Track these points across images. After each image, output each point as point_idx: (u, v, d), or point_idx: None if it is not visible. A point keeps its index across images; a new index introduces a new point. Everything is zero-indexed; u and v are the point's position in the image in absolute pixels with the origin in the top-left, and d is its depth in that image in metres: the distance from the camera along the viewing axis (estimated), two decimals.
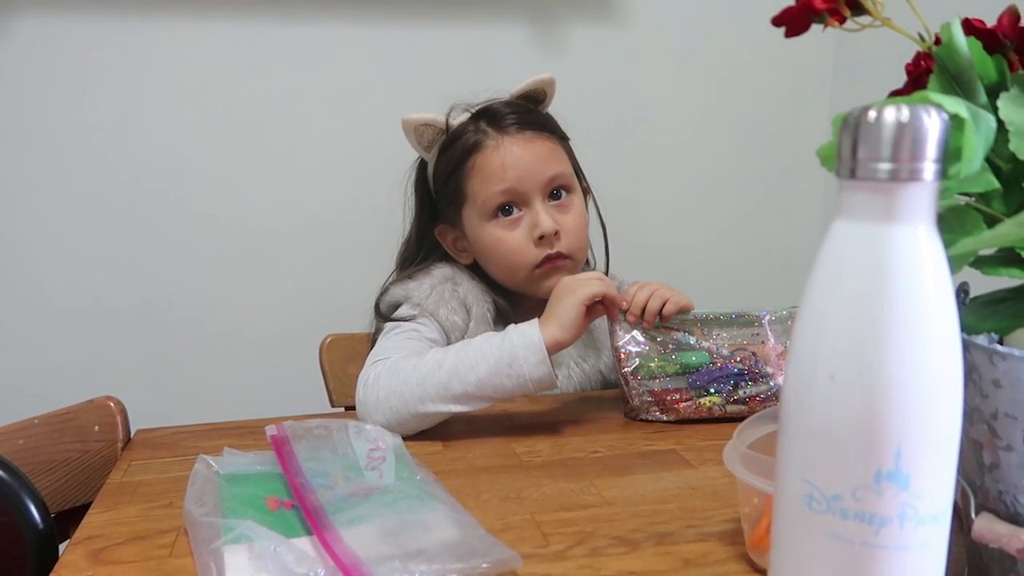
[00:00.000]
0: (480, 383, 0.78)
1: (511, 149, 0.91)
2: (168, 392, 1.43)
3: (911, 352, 0.33)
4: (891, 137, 0.32)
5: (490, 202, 0.92)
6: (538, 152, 0.92)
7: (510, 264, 0.94)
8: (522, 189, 0.92)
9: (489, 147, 0.92)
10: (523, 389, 0.79)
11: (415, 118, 0.94)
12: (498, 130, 0.93)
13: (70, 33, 1.32)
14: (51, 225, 1.37)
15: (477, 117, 0.94)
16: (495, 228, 0.93)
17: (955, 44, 0.44)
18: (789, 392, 0.36)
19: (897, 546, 0.34)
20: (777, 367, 0.85)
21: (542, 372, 0.78)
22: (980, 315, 0.46)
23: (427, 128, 0.95)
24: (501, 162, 0.91)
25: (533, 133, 0.93)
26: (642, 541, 0.58)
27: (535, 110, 0.97)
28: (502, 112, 0.94)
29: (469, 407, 0.79)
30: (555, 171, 0.93)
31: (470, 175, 0.93)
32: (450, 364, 0.79)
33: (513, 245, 0.92)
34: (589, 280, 0.84)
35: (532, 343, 0.78)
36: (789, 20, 0.47)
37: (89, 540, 0.59)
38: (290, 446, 0.68)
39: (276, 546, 0.52)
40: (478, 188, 0.93)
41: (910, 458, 0.33)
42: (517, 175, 0.91)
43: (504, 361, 0.78)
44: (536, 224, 0.91)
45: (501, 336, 0.80)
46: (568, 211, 0.94)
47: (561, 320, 0.80)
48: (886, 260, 0.33)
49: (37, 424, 0.83)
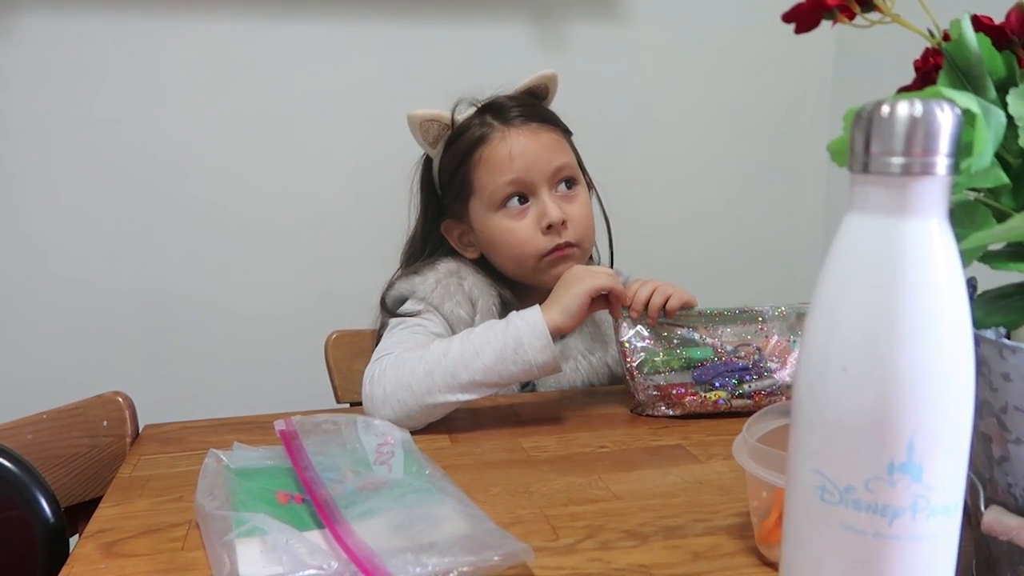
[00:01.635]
0: (486, 370, 0.79)
1: (517, 140, 0.92)
2: (174, 388, 1.43)
3: (924, 344, 0.33)
4: (904, 131, 0.33)
5: (498, 193, 0.93)
6: (544, 143, 0.93)
7: (518, 254, 0.94)
8: (529, 179, 0.92)
9: (495, 139, 0.93)
10: (528, 374, 0.80)
11: (420, 113, 0.95)
12: (504, 122, 0.93)
13: (74, 30, 1.32)
14: (57, 221, 1.37)
15: (482, 111, 0.95)
16: (503, 219, 0.94)
17: (965, 40, 0.44)
18: (802, 384, 0.36)
19: (910, 537, 0.34)
20: (781, 362, 0.86)
21: (547, 356, 0.79)
22: (988, 310, 0.47)
23: (432, 123, 0.95)
24: (508, 152, 0.92)
25: (538, 125, 0.94)
26: (651, 535, 0.58)
27: (539, 104, 0.98)
28: (507, 105, 0.95)
29: (476, 395, 0.80)
30: (561, 161, 0.94)
31: (477, 167, 0.94)
32: (455, 353, 0.80)
33: (521, 235, 0.93)
34: (599, 272, 0.85)
35: (536, 328, 0.80)
36: (799, 16, 0.47)
37: (101, 533, 0.60)
38: (299, 441, 0.68)
39: (289, 539, 0.52)
40: (485, 179, 0.93)
41: (923, 449, 0.33)
42: (524, 165, 0.92)
43: (509, 347, 0.79)
44: (544, 214, 0.92)
45: (504, 323, 0.81)
46: (574, 201, 0.95)
47: (564, 306, 0.82)
48: (899, 254, 0.33)
49: (46, 419, 0.84)
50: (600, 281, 0.83)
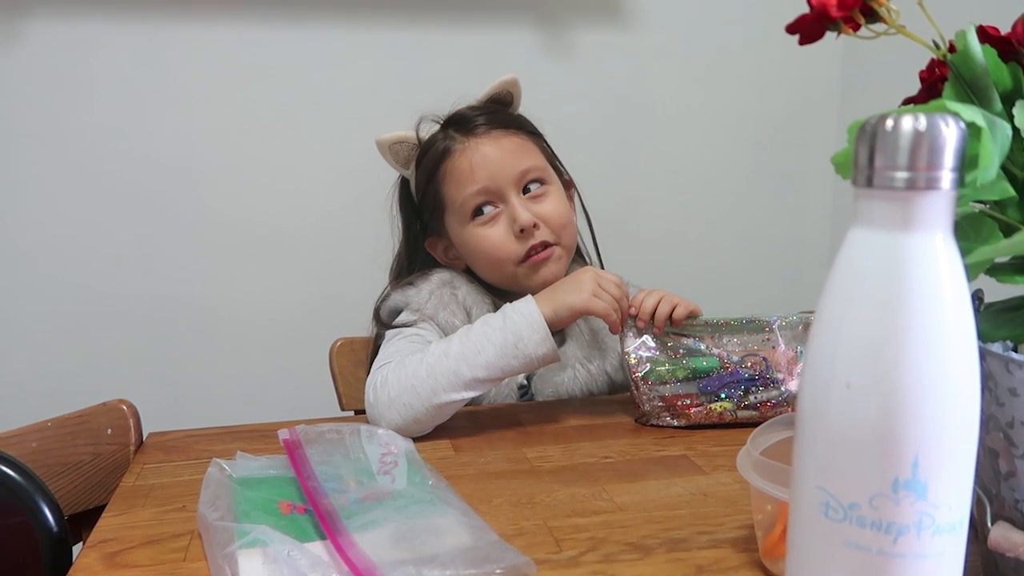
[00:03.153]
0: (489, 366, 0.80)
1: (478, 150, 0.93)
2: (178, 396, 1.43)
3: (929, 360, 0.33)
4: (908, 146, 0.32)
5: (467, 204, 0.93)
6: (506, 148, 0.94)
7: (494, 261, 0.95)
8: (495, 187, 0.93)
9: (457, 151, 0.94)
10: (529, 367, 0.83)
11: (387, 137, 0.97)
12: (465, 134, 0.94)
13: (80, 36, 1.33)
14: (62, 227, 1.38)
15: (445, 125, 0.97)
16: (475, 228, 0.94)
17: (970, 52, 0.44)
18: (805, 400, 0.36)
19: (915, 555, 0.34)
20: (788, 373, 0.85)
21: (546, 349, 0.81)
22: (995, 323, 0.46)
23: (401, 145, 0.97)
24: (469, 164, 0.93)
25: (500, 131, 0.95)
26: (655, 547, 0.58)
27: (502, 109, 0.98)
28: (468, 116, 0.95)
29: (480, 391, 0.82)
30: (526, 165, 0.94)
31: (444, 181, 0.95)
32: (456, 351, 0.81)
33: (494, 241, 0.93)
34: (601, 292, 0.85)
35: (533, 322, 0.81)
36: (803, 28, 0.47)
37: (104, 543, 0.60)
38: (302, 450, 0.68)
39: (290, 550, 0.52)
40: (454, 193, 0.94)
41: (928, 466, 0.33)
42: (488, 173, 0.92)
43: (509, 343, 0.81)
44: (514, 218, 0.92)
45: (501, 318, 0.83)
46: (543, 200, 0.95)
47: (555, 308, 0.83)
48: (903, 268, 0.33)
49: (50, 427, 0.84)
50: (596, 306, 0.84)
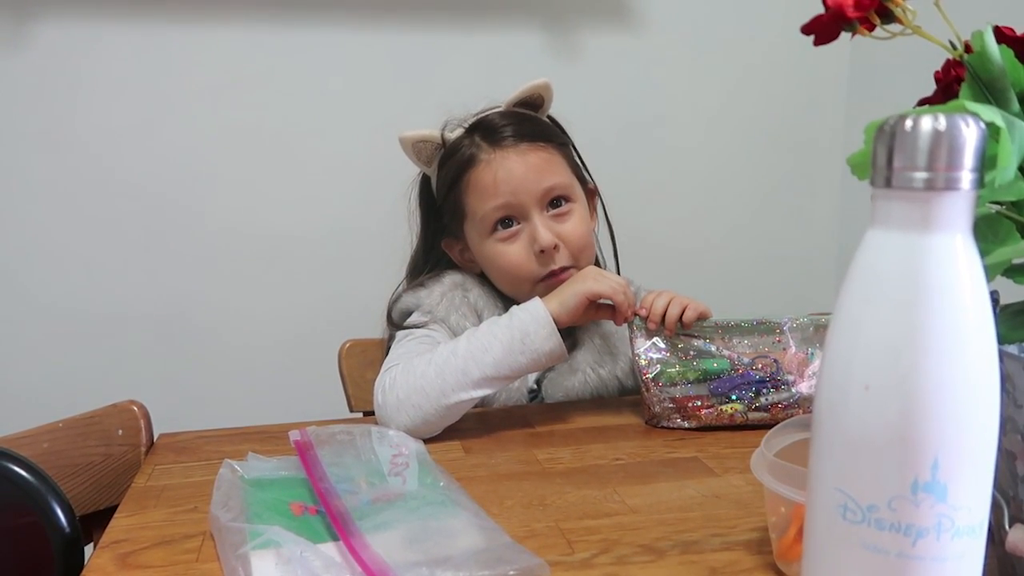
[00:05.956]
0: (497, 363, 0.80)
1: (503, 164, 0.90)
2: (188, 397, 1.43)
3: (948, 362, 0.33)
4: (928, 146, 0.32)
5: (488, 218, 0.92)
6: (532, 164, 0.91)
7: (512, 278, 0.94)
8: (518, 203, 0.91)
9: (482, 162, 0.91)
10: (537, 364, 0.83)
11: (411, 135, 0.95)
12: (492, 144, 0.92)
13: (88, 40, 1.33)
14: (71, 232, 1.38)
15: (472, 130, 0.94)
16: (495, 243, 0.93)
17: (987, 52, 0.43)
18: (823, 401, 0.36)
19: (934, 558, 0.33)
20: (798, 375, 0.85)
21: (553, 344, 0.82)
22: (1012, 324, 0.46)
23: (424, 144, 0.95)
24: (493, 178, 0.90)
25: (528, 145, 0.92)
26: (668, 549, 0.58)
27: (532, 117, 0.96)
28: (496, 124, 0.93)
29: (489, 390, 0.82)
30: (551, 182, 0.92)
31: (467, 191, 0.93)
32: (464, 351, 0.81)
33: (513, 259, 0.92)
34: (605, 278, 0.85)
35: (539, 318, 0.82)
36: (819, 28, 0.47)
37: (116, 544, 0.60)
38: (314, 451, 0.68)
39: (303, 551, 0.52)
40: (475, 204, 0.93)
41: (947, 469, 0.33)
42: (511, 189, 0.90)
43: (516, 339, 0.81)
44: (535, 238, 0.90)
45: (507, 317, 0.84)
46: (567, 219, 0.93)
47: (562, 300, 0.84)
48: (923, 270, 0.33)
49: (61, 428, 0.84)
50: (600, 287, 0.84)
